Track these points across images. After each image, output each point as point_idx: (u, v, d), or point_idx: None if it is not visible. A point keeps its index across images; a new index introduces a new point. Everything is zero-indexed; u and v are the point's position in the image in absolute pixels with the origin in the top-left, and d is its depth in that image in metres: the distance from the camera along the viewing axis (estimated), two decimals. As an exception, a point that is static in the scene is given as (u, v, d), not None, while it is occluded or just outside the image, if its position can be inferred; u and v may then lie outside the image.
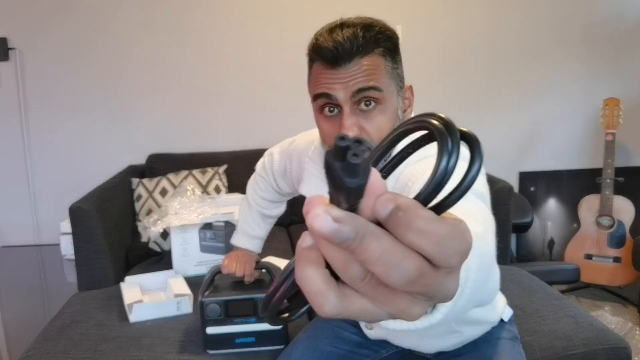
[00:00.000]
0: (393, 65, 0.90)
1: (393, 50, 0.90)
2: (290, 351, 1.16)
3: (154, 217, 1.85)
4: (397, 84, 0.91)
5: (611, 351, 1.29)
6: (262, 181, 1.36)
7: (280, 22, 2.66)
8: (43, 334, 1.42)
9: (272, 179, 1.33)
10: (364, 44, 0.85)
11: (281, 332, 1.31)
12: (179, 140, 2.66)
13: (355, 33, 0.86)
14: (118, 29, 2.58)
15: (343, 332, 1.17)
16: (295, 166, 1.20)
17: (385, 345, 1.16)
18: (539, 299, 1.50)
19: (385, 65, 0.88)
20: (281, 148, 1.31)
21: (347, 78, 0.86)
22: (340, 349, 1.14)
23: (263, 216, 1.38)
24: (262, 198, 1.37)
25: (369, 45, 0.86)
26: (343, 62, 0.86)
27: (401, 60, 0.93)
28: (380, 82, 0.87)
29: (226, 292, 1.30)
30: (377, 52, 0.88)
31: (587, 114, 2.89)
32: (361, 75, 0.86)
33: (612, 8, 2.81)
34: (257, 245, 1.39)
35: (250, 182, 1.41)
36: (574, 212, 2.76)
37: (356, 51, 0.86)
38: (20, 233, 2.66)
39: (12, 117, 2.58)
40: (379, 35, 0.88)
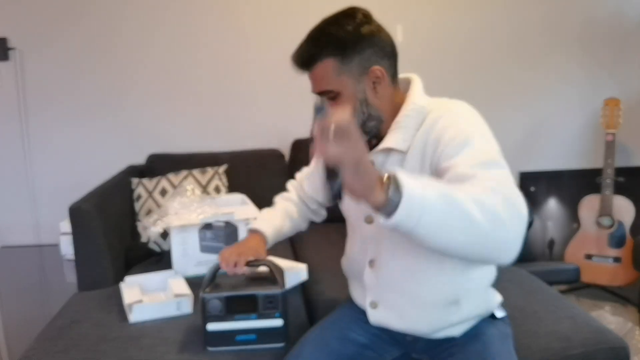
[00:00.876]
0: (343, 61, 1.07)
1: (340, 48, 1.06)
2: (299, 349, 1.18)
3: (154, 217, 1.85)
4: (353, 73, 1.08)
5: (610, 351, 1.29)
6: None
7: (279, 23, 2.66)
8: (43, 334, 1.42)
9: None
10: (309, 57, 1.09)
11: (281, 330, 1.31)
12: (179, 140, 2.66)
13: (302, 51, 1.10)
14: (118, 29, 2.58)
15: (350, 333, 1.21)
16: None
17: (390, 349, 1.22)
18: (537, 300, 1.50)
19: (333, 67, 1.07)
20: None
21: (311, 82, 1.14)
22: (348, 349, 1.18)
23: (288, 214, 1.43)
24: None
25: (313, 57, 1.08)
26: (306, 72, 1.14)
27: (360, 45, 1.07)
28: (330, 84, 1.08)
29: (227, 288, 1.29)
30: (322, 58, 1.07)
31: (587, 114, 2.89)
32: (315, 82, 1.12)
33: (613, 7, 2.81)
34: (269, 229, 1.35)
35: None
36: (574, 212, 2.76)
37: (307, 64, 1.10)
38: (20, 233, 2.66)
39: (12, 117, 2.58)
40: (320, 44, 1.08)
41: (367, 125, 1.10)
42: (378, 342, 1.22)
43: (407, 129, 1.07)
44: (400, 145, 1.07)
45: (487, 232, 0.83)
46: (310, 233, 2.33)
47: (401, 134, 1.07)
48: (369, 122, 1.10)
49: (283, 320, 1.29)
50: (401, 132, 1.08)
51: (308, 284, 1.78)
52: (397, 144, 1.07)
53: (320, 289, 1.72)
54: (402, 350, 1.23)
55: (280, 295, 1.28)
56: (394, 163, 1.09)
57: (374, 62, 1.08)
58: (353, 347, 1.19)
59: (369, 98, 1.09)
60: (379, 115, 1.10)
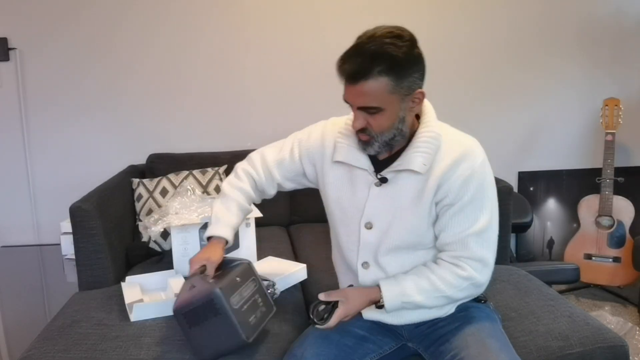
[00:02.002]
0: (396, 80, 1.09)
1: (396, 68, 1.08)
2: (302, 340, 1.24)
3: (155, 217, 1.85)
4: (401, 94, 1.12)
5: (608, 350, 1.29)
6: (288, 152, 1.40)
7: (279, 24, 2.66)
8: (43, 334, 1.43)
9: (297, 154, 1.37)
10: (363, 72, 1.09)
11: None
12: (179, 140, 2.67)
13: (357, 64, 1.09)
14: (118, 29, 2.58)
15: (350, 325, 1.27)
16: (328, 141, 1.33)
17: (388, 342, 1.29)
18: (534, 300, 1.50)
19: (387, 85, 1.09)
20: (313, 129, 1.40)
21: (354, 94, 1.13)
22: (349, 341, 1.24)
23: (241, 208, 1.39)
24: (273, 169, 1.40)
25: (369, 72, 1.08)
26: (352, 83, 1.12)
27: (412, 68, 1.11)
28: (378, 102, 1.11)
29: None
30: (378, 75, 1.08)
31: (587, 114, 2.89)
32: (361, 97, 1.12)
33: (612, 7, 2.82)
34: (229, 233, 1.36)
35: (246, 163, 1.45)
36: (574, 212, 2.77)
37: (359, 78, 1.09)
38: (20, 233, 2.66)
39: (12, 117, 2.59)
40: (378, 62, 1.08)
41: (394, 139, 1.18)
42: (376, 334, 1.28)
43: (428, 155, 1.17)
44: (422, 169, 1.17)
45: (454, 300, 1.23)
46: (310, 233, 2.35)
47: (422, 158, 1.17)
48: (397, 137, 1.18)
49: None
50: (422, 157, 1.17)
51: (308, 284, 1.79)
52: (420, 168, 1.17)
53: (320, 289, 1.72)
54: (399, 342, 1.30)
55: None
56: (405, 180, 1.20)
57: (418, 84, 1.14)
58: (353, 339, 1.25)
59: (406, 117, 1.16)
60: (407, 132, 1.19)
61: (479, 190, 1.17)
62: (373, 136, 1.16)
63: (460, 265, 1.18)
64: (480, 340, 1.15)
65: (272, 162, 1.39)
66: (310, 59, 2.67)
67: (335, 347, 1.20)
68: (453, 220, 1.18)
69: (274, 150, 1.42)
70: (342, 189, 1.28)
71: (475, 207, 1.17)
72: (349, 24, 2.67)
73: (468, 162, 1.17)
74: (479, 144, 1.22)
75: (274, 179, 1.40)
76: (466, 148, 1.18)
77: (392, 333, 1.30)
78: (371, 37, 1.10)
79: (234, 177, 1.43)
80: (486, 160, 1.20)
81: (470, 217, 1.17)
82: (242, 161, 1.46)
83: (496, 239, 1.21)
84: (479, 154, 1.19)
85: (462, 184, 1.16)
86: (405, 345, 1.30)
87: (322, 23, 2.67)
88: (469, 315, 1.25)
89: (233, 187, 1.41)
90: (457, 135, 1.23)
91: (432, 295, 1.19)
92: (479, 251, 1.18)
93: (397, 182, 1.21)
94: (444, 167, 1.17)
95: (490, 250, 1.20)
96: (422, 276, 1.20)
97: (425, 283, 1.19)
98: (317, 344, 1.20)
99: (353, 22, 2.67)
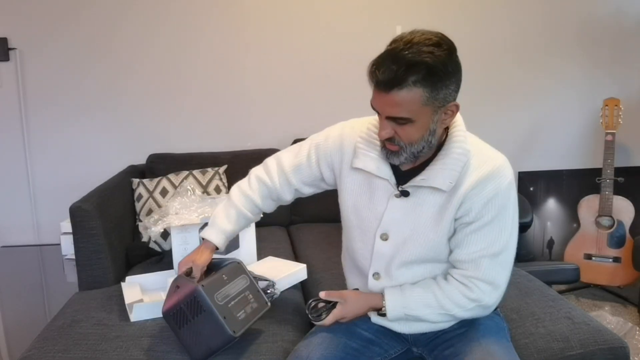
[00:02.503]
0: (431, 92, 1.04)
1: (433, 79, 1.03)
2: (309, 340, 1.22)
3: (155, 217, 1.85)
4: (435, 105, 1.06)
5: (609, 351, 1.29)
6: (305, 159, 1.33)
7: (279, 24, 2.66)
8: (43, 334, 1.43)
9: (315, 159, 1.31)
10: (398, 80, 1.02)
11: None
12: (179, 140, 2.67)
13: (391, 71, 1.02)
14: (118, 29, 2.58)
15: (356, 328, 1.26)
16: (347, 145, 1.27)
17: (394, 345, 1.27)
18: (535, 301, 1.50)
19: (422, 96, 1.03)
20: (331, 132, 1.32)
21: (384, 103, 1.06)
22: (355, 342, 1.22)
23: (242, 215, 1.37)
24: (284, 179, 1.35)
25: (404, 81, 1.02)
26: (383, 91, 1.05)
27: (449, 79, 1.06)
28: (409, 113, 1.05)
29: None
30: (413, 85, 1.02)
31: (587, 114, 2.89)
32: (391, 106, 1.05)
33: (612, 7, 2.82)
34: (220, 239, 1.36)
35: (261, 169, 1.40)
36: (574, 212, 2.77)
37: (392, 86, 1.03)
38: (20, 233, 2.66)
39: (12, 117, 2.59)
40: (414, 71, 1.01)
41: (422, 151, 1.13)
42: (383, 337, 1.26)
43: (453, 172, 1.12)
44: (446, 187, 1.12)
45: (459, 318, 1.20)
46: (310, 233, 2.35)
47: (448, 176, 1.12)
48: (425, 148, 1.12)
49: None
50: (448, 174, 1.12)
51: (308, 284, 1.79)
52: (445, 186, 1.12)
53: (320, 289, 1.72)
54: (405, 346, 1.29)
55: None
56: (427, 195, 1.15)
57: (453, 97, 1.10)
58: (359, 341, 1.23)
59: (437, 130, 1.11)
60: (435, 144, 1.14)
61: (501, 211, 1.12)
62: (402, 146, 1.10)
63: (469, 286, 1.15)
64: (484, 347, 1.13)
65: (289, 167, 1.34)
66: (310, 59, 2.67)
67: (342, 349, 1.19)
68: (470, 238, 1.14)
69: (290, 154, 1.36)
70: (360, 196, 1.23)
71: (494, 228, 1.13)
72: (348, 24, 2.67)
73: (495, 182, 1.12)
74: (508, 164, 1.16)
75: (291, 185, 1.35)
76: (495, 167, 1.13)
77: (398, 337, 1.28)
78: (408, 42, 1.03)
79: (246, 183, 1.40)
80: (513, 181, 1.15)
81: (487, 237, 1.13)
82: (258, 166, 1.42)
83: (512, 261, 1.17)
84: (507, 175, 1.13)
85: (486, 203, 1.12)
86: (410, 349, 1.29)
87: (322, 23, 2.67)
88: (475, 322, 1.22)
89: (240, 194, 1.38)
90: (488, 150, 1.18)
91: (436, 311, 1.16)
92: (491, 274, 1.14)
93: (418, 197, 1.16)
94: (469, 185, 1.12)
95: (504, 273, 1.16)
96: (429, 291, 1.17)
97: (431, 298, 1.16)
98: (324, 345, 1.18)
99: (353, 22, 2.67)
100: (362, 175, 1.23)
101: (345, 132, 1.27)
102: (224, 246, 1.38)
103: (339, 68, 2.65)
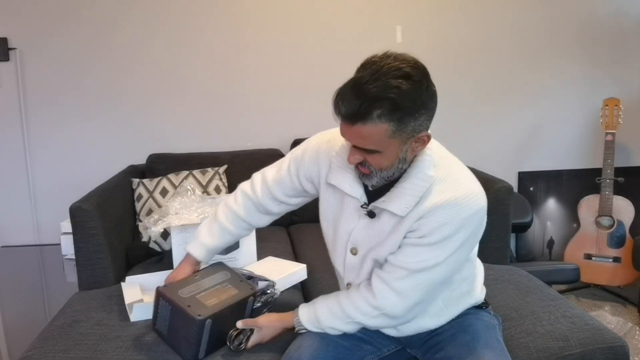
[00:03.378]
0: (397, 125, 1.00)
1: (399, 115, 0.99)
2: (300, 341, 1.22)
3: (155, 217, 1.85)
4: (403, 137, 1.03)
5: (608, 350, 1.29)
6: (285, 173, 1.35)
7: (279, 24, 2.66)
8: (43, 334, 1.43)
9: (294, 172, 1.33)
10: (362, 115, 0.99)
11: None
12: (179, 140, 2.67)
13: (355, 105, 0.99)
14: (118, 29, 2.58)
15: None
16: (323, 159, 1.28)
17: (387, 344, 1.29)
18: (535, 300, 1.50)
19: (386, 131, 1.00)
20: (309, 145, 1.33)
21: (350, 134, 1.05)
22: (347, 342, 1.23)
23: (222, 227, 1.40)
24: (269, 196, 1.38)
25: (367, 116, 0.99)
26: (348, 123, 1.02)
27: (418, 112, 1.01)
28: (375, 145, 1.03)
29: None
30: (374, 119, 0.99)
31: (587, 114, 2.89)
32: (356, 138, 1.04)
33: (612, 7, 2.82)
34: (201, 253, 1.40)
35: (248, 184, 1.43)
36: (574, 212, 2.77)
37: (356, 119, 1.00)
38: (20, 233, 2.66)
39: (12, 117, 2.59)
40: (378, 106, 0.98)
41: (394, 175, 1.12)
42: (375, 336, 1.27)
43: (412, 198, 1.10)
44: (401, 212, 1.11)
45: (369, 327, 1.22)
46: (310, 233, 2.35)
47: (404, 202, 1.10)
48: (397, 172, 1.11)
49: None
50: (405, 200, 1.10)
51: (308, 284, 1.79)
52: (400, 211, 1.11)
53: (320, 289, 1.72)
54: (398, 345, 1.30)
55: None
56: (387, 215, 1.15)
57: (425, 127, 1.05)
58: (352, 341, 1.24)
59: (407, 157, 1.09)
60: (405, 168, 1.12)
61: (444, 240, 1.09)
62: (372, 171, 1.10)
63: (375, 293, 1.15)
64: (473, 350, 1.14)
65: (272, 181, 1.36)
66: (310, 59, 2.67)
67: (333, 348, 1.20)
68: (406, 247, 1.13)
69: (273, 169, 1.39)
70: (335, 210, 1.26)
71: (430, 251, 1.10)
72: (348, 24, 2.67)
73: (450, 211, 1.08)
74: (479, 197, 1.10)
75: (276, 198, 1.37)
76: (455, 197, 1.08)
77: (391, 337, 1.29)
78: (375, 72, 0.98)
79: (232, 198, 1.43)
80: (476, 216, 1.10)
81: (419, 255, 1.11)
82: (246, 181, 1.45)
83: (432, 285, 1.14)
84: (468, 207, 1.08)
85: (433, 228, 1.09)
86: (404, 348, 1.30)
87: (322, 23, 2.67)
88: (465, 323, 1.23)
89: (226, 208, 1.42)
90: (459, 179, 1.12)
91: (345, 320, 1.19)
92: (402, 285, 1.13)
93: (380, 216, 1.17)
94: (423, 209, 1.09)
95: (417, 290, 1.13)
96: (336, 300, 1.21)
97: (337, 308, 1.20)
98: (315, 345, 1.19)
99: (353, 22, 2.67)
100: (336, 192, 1.24)
101: (321, 147, 1.28)
102: (207, 259, 1.43)
103: (339, 68, 2.65)
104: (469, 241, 1.12)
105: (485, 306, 1.32)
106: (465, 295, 1.26)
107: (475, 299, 1.29)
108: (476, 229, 1.12)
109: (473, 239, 1.14)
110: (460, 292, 1.25)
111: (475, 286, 1.29)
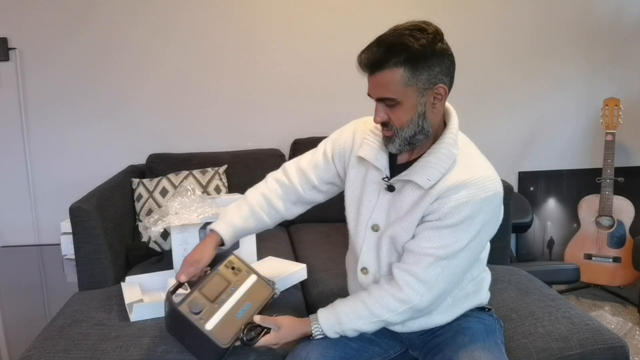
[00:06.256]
0: (413, 74, 1.08)
1: (413, 60, 1.07)
2: (307, 341, 1.22)
3: (155, 217, 1.85)
4: (419, 87, 1.10)
5: (608, 351, 1.29)
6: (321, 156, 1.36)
7: (279, 24, 2.66)
8: (43, 334, 1.43)
9: (330, 152, 1.34)
10: (379, 61, 1.08)
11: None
12: (179, 140, 2.67)
13: (373, 52, 1.09)
14: (118, 29, 2.58)
15: None
16: (358, 137, 1.32)
17: (393, 346, 1.29)
18: (534, 300, 1.50)
19: (402, 76, 1.08)
20: (346, 127, 1.37)
21: (371, 85, 1.13)
22: (355, 342, 1.23)
23: (254, 214, 1.35)
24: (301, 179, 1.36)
25: (384, 62, 1.08)
26: (368, 73, 1.13)
27: (430, 60, 1.08)
28: (393, 93, 1.10)
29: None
30: (393, 65, 1.08)
31: (587, 114, 2.89)
32: (378, 88, 1.12)
33: (612, 7, 2.82)
34: (227, 231, 1.32)
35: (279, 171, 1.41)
36: (574, 212, 2.77)
37: (375, 67, 1.10)
38: (20, 233, 2.66)
39: (12, 117, 2.59)
40: (394, 52, 1.07)
41: (416, 138, 1.15)
42: (382, 337, 1.27)
43: (435, 172, 1.13)
44: (423, 184, 1.14)
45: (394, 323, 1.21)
46: (310, 233, 2.35)
47: (427, 174, 1.13)
48: (419, 135, 1.14)
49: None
50: (429, 172, 1.13)
51: (308, 284, 1.79)
52: (422, 182, 1.14)
53: (320, 289, 1.72)
54: (404, 347, 1.30)
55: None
56: (408, 190, 1.18)
57: (440, 79, 1.11)
58: (359, 341, 1.23)
59: (427, 112, 1.13)
60: (430, 130, 1.15)
61: (466, 221, 1.10)
62: (395, 131, 1.14)
63: (400, 285, 1.14)
64: (470, 353, 1.14)
65: (307, 165, 1.36)
66: (311, 59, 2.67)
67: (341, 349, 1.19)
68: (425, 233, 1.13)
69: (308, 154, 1.39)
70: (359, 189, 1.27)
71: (452, 234, 1.11)
72: (348, 25, 2.67)
73: (471, 190, 1.10)
74: (496, 182, 1.13)
75: (309, 181, 1.35)
76: (476, 177, 1.11)
77: (397, 337, 1.30)
78: (393, 29, 1.11)
79: (263, 183, 1.40)
80: (494, 199, 1.12)
81: (441, 239, 1.12)
82: (275, 171, 1.42)
83: (457, 274, 1.15)
84: (487, 189, 1.11)
85: (453, 207, 1.10)
86: (407, 350, 1.30)
87: (322, 24, 2.66)
88: (464, 326, 1.23)
89: (257, 192, 1.37)
90: (478, 161, 1.16)
91: (369, 320, 1.17)
92: (428, 273, 1.13)
93: (401, 191, 1.19)
94: (445, 186, 1.12)
95: (442, 279, 1.13)
96: (358, 300, 1.18)
97: (361, 308, 1.17)
98: (323, 345, 1.19)
99: (353, 23, 2.67)
100: (362, 168, 1.27)
101: (358, 126, 1.33)
102: (231, 242, 1.33)
103: (339, 69, 2.65)
104: (488, 225, 1.15)
105: (489, 309, 1.32)
106: (472, 295, 1.27)
107: (481, 300, 1.30)
108: (494, 213, 1.15)
109: (492, 224, 1.16)
110: (468, 291, 1.26)
111: (482, 287, 1.30)
